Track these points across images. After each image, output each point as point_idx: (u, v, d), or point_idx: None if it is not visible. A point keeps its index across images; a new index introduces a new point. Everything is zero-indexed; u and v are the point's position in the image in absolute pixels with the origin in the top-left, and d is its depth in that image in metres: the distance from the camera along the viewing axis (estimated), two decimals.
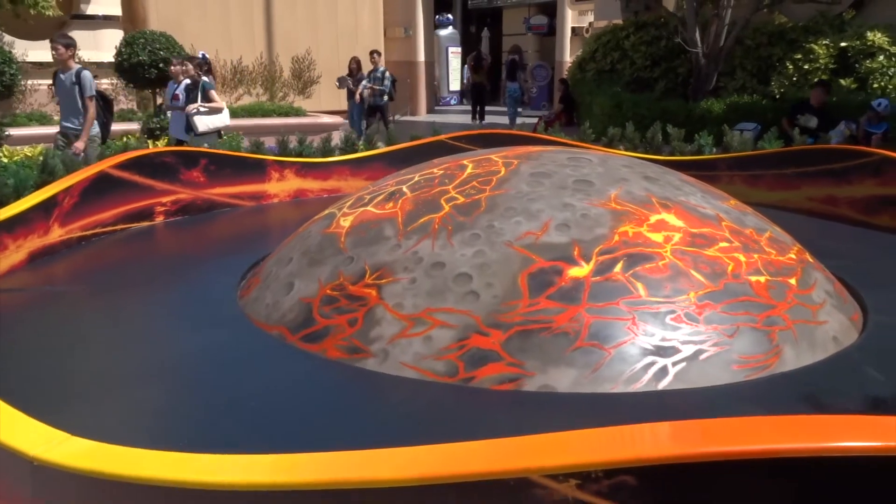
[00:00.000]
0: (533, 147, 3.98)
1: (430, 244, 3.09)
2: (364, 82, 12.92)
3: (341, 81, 13.29)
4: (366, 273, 3.09)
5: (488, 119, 19.64)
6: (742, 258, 3.08)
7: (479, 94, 20.28)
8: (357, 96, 12.95)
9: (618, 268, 2.87)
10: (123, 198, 5.01)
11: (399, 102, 19.52)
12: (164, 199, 5.32)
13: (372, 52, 13.15)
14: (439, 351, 2.72)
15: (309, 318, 3.08)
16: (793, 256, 3.34)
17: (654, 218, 3.15)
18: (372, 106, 12.73)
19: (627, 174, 3.52)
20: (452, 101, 23.41)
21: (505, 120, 18.78)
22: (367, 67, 13.37)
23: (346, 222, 3.51)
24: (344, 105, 18.14)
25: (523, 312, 2.74)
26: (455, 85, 23.26)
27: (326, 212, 3.81)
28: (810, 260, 3.50)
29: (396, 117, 19.20)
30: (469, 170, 3.59)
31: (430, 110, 20.63)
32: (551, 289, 2.80)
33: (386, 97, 12.73)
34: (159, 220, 5.28)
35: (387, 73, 12.74)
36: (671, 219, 3.18)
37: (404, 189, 3.57)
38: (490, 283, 2.86)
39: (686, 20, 10.62)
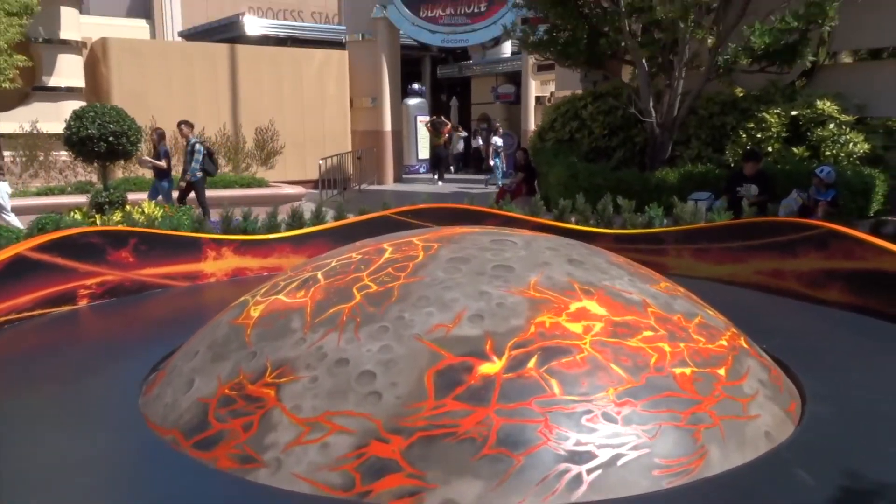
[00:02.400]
0: (458, 228, 3.83)
1: (337, 338, 2.89)
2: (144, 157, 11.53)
3: (141, 162, 11.76)
4: (266, 370, 2.87)
5: (455, 185, 19.75)
6: (667, 348, 2.91)
7: (438, 157, 21.64)
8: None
9: (532, 363, 2.69)
10: (43, 281, 4.77)
11: (366, 171, 19.57)
12: (89, 282, 5.08)
13: (180, 124, 11.86)
14: (336, 460, 2.48)
15: (204, 421, 2.83)
16: (724, 343, 3.18)
17: (574, 306, 2.98)
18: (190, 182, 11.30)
19: (551, 258, 3.36)
20: (421, 170, 23.51)
21: (473, 184, 18.91)
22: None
23: (255, 312, 3.31)
24: (309, 174, 18.19)
25: (428, 416, 2.53)
26: (423, 153, 23.41)
27: (241, 299, 3.61)
28: (744, 345, 3.34)
29: (363, 186, 19.20)
30: (387, 254, 3.42)
31: (397, 179, 20.66)
32: (459, 388, 2.60)
33: (199, 173, 11.27)
34: (83, 303, 5.03)
35: (198, 147, 11.36)
36: (593, 306, 3.01)
37: (319, 276, 3.39)
38: (394, 383, 2.65)
39: (640, 91, 10.75)
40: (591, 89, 12.93)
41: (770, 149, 10.00)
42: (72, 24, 15.04)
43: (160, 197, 11.25)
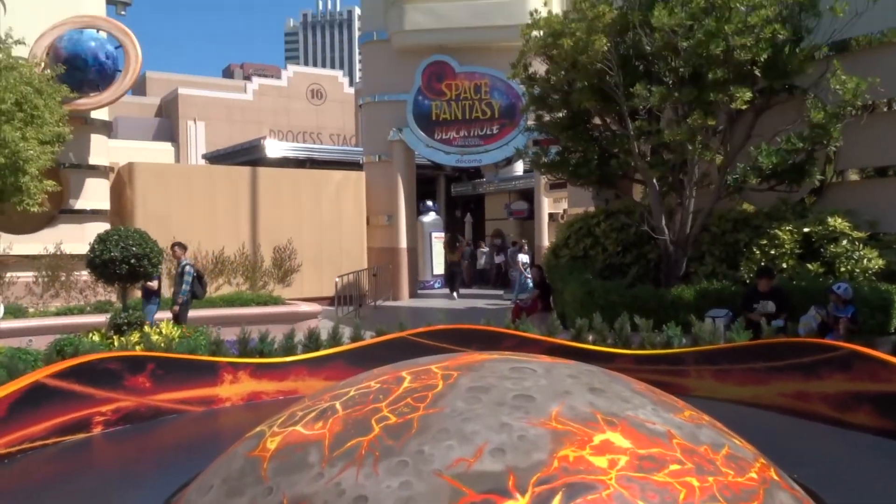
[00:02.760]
0: (477, 355, 3.81)
1: (355, 473, 2.83)
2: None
3: None
4: None
5: (471, 301, 19.81)
6: (695, 483, 2.82)
7: (453, 273, 22.00)
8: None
9: (556, 500, 2.60)
10: (59, 409, 4.75)
11: (382, 287, 19.71)
12: (105, 409, 5.05)
13: (173, 246, 11.82)
14: None
15: None
16: (754, 476, 3.07)
17: (597, 438, 2.92)
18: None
19: (572, 386, 3.32)
20: (436, 285, 23.67)
21: (487, 300, 19.00)
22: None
23: (272, 444, 3.26)
24: (325, 291, 18.34)
25: None
26: (438, 269, 23.64)
27: (257, 430, 3.56)
28: (775, 477, 3.22)
29: (378, 302, 19.28)
30: (406, 383, 3.40)
31: (412, 294, 20.77)
32: None
33: (182, 297, 11.10)
34: (97, 430, 4.98)
35: (188, 269, 11.23)
36: (617, 438, 2.95)
37: (337, 406, 3.35)
38: None
39: (652, 209, 10.93)
40: (604, 207, 13.16)
41: (784, 265, 10.02)
42: (101, 150, 15.67)
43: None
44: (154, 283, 11.23)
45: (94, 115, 15.44)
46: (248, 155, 25.88)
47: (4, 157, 11.78)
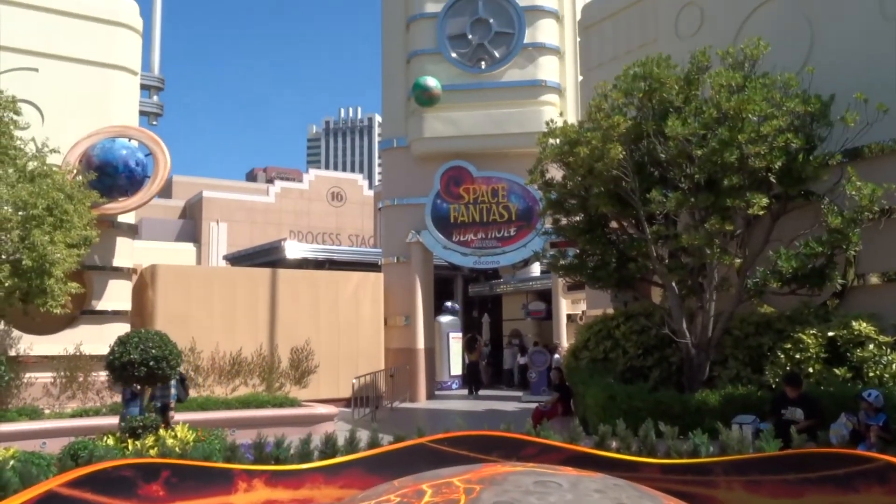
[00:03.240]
0: (500, 467, 3.72)
1: None
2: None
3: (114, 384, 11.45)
4: None
5: (489, 403, 19.49)
6: None
7: (474, 372, 22.04)
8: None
9: None
10: None
11: (399, 388, 19.48)
12: None
13: None
14: None
15: None
16: None
17: None
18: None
19: (599, 502, 3.22)
20: (454, 386, 23.37)
21: (507, 402, 18.65)
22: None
23: None
24: (342, 392, 18.14)
25: None
26: (456, 369, 23.41)
27: None
28: None
29: (395, 404, 19.00)
30: (427, 497, 3.30)
31: (429, 395, 20.48)
32: None
33: (172, 401, 10.74)
34: None
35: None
36: None
37: None
38: None
39: (672, 312, 10.87)
40: (623, 309, 13.11)
41: (811, 370, 9.83)
42: (126, 253, 15.96)
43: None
44: (137, 386, 10.92)
45: (121, 218, 15.83)
46: (268, 256, 26.26)
47: (32, 260, 12.03)
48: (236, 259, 30.56)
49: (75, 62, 15.56)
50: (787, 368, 9.75)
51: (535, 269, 25.49)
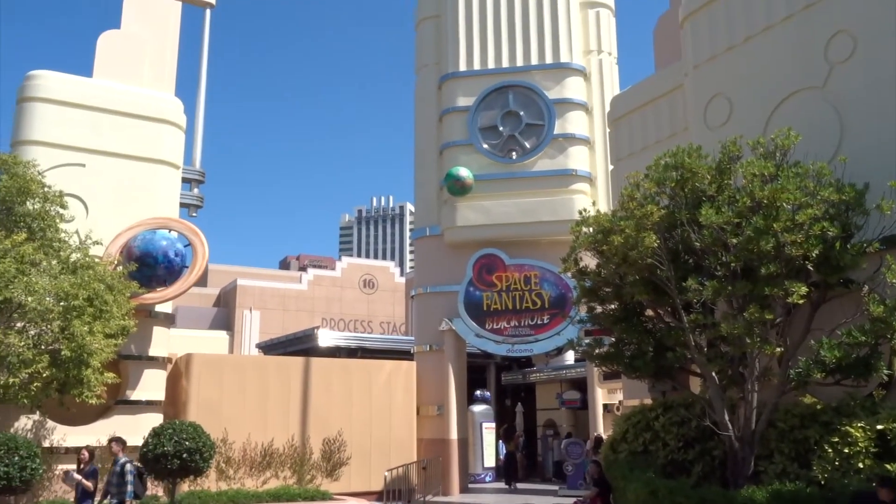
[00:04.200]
0: None
1: None
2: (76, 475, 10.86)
3: (67, 475, 11.27)
4: None
5: (525, 497, 18.90)
6: None
7: (511, 463, 21.66)
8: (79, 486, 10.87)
9: None
10: None
11: (431, 481, 19.02)
12: None
13: (110, 441, 11.45)
14: None
15: None
16: None
17: None
18: None
19: None
20: (487, 479, 22.73)
21: (542, 496, 18.04)
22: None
23: None
24: (374, 485, 17.74)
25: None
26: (489, 461, 22.82)
27: None
28: None
29: (428, 497, 18.50)
30: None
31: (462, 489, 19.92)
32: None
33: (128, 498, 10.39)
34: None
35: (128, 467, 10.65)
36: None
37: None
38: None
39: (713, 403, 10.58)
40: (661, 399, 12.77)
41: (860, 465, 9.39)
42: (161, 342, 16.13)
43: None
44: (90, 484, 10.64)
45: (159, 307, 16.08)
46: (300, 344, 26.32)
47: (71, 351, 12.22)
48: (269, 347, 30.66)
49: (121, 157, 16.23)
50: (836, 463, 9.33)
51: (569, 357, 25.14)
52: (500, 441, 23.96)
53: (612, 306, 11.93)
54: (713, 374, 10.55)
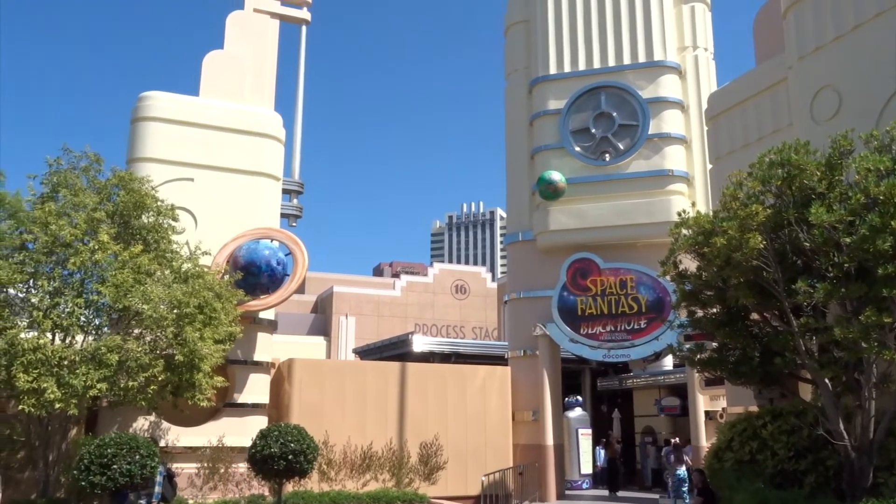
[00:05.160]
0: None
1: None
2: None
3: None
4: None
5: None
6: None
7: (613, 469, 21.73)
8: None
9: None
10: None
11: (528, 487, 18.91)
12: None
13: None
14: None
15: None
16: None
17: None
18: None
19: None
20: (584, 486, 22.39)
21: None
22: None
23: None
24: (470, 489, 17.80)
25: None
26: (586, 467, 22.48)
27: None
28: None
29: (525, 503, 18.42)
30: None
31: (559, 495, 19.70)
32: None
33: (156, 500, 10.76)
34: None
35: (159, 469, 11.13)
36: None
37: None
38: None
39: (826, 410, 10.08)
40: (769, 407, 12.27)
41: None
42: (265, 347, 16.75)
43: None
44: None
45: (262, 314, 16.71)
46: (395, 349, 26.70)
47: (184, 356, 12.87)
48: (365, 352, 31.27)
49: (226, 171, 16.97)
50: None
51: (668, 362, 24.49)
52: (599, 448, 23.60)
53: (715, 310, 11.55)
54: (826, 380, 10.06)
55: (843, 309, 9.69)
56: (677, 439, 21.28)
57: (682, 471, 18.43)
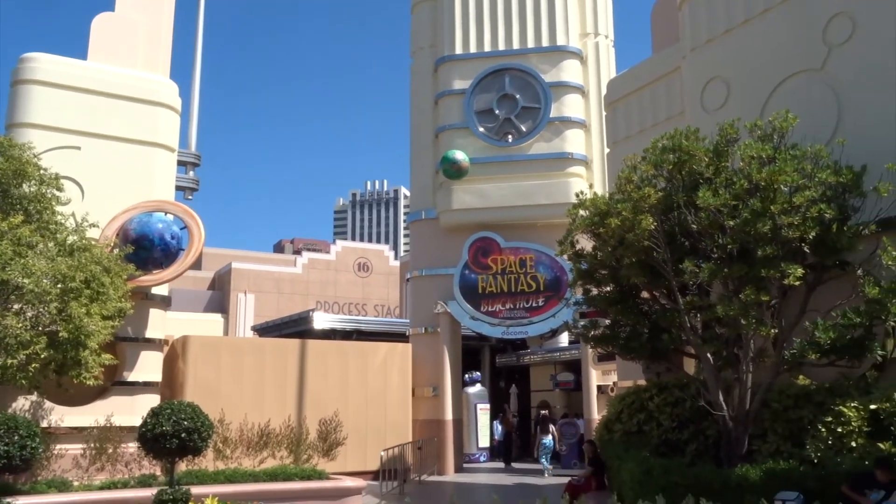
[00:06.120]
0: None
1: None
2: None
3: None
4: None
5: (519, 476, 19.09)
6: None
7: (509, 443, 22.86)
8: None
9: None
10: None
11: (427, 461, 19.17)
12: None
13: None
14: None
15: None
16: None
17: None
18: None
19: None
20: (482, 458, 22.94)
21: (535, 476, 18.24)
22: None
23: None
24: (370, 465, 17.89)
25: None
26: (484, 441, 23.02)
27: None
28: None
29: (423, 477, 18.66)
30: None
31: (457, 469, 20.11)
32: None
33: None
34: None
35: None
36: None
37: None
38: None
39: (707, 383, 10.68)
40: (656, 380, 12.90)
41: (853, 444, 9.53)
42: (158, 324, 16.13)
43: None
44: None
45: (155, 290, 16.07)
46: (296, 326, 26.36)
47: (68, 332, 12.22)
48: (264, 330, 30.70)
49: (116, 140, 16.11)
50: (829, 442, 9.48)
51: (563, 339, 25.31)
52: (496, 422, 24.18)
53: (608, 289, 11.99)
54: (708, 355, 10.66)
55: (726, 288, 10.28)
56: (545, 412, 22.70)
57: (547, 439, 20.24)
